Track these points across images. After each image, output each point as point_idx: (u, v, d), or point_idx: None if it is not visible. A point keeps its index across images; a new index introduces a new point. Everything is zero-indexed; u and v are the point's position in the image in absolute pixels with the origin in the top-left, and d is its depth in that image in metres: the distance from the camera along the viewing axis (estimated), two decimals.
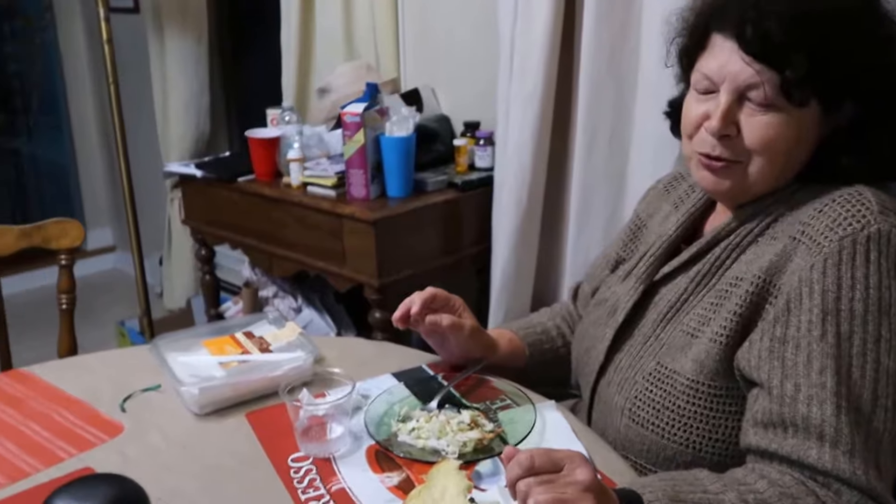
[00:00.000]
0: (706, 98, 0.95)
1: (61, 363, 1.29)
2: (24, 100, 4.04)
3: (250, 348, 1.17)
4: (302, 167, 2.03)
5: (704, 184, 0.98)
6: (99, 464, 0.96)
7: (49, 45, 3.97)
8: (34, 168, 4.15)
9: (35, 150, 4.13)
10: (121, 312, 3.17)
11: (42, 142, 4.13)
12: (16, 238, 1.63)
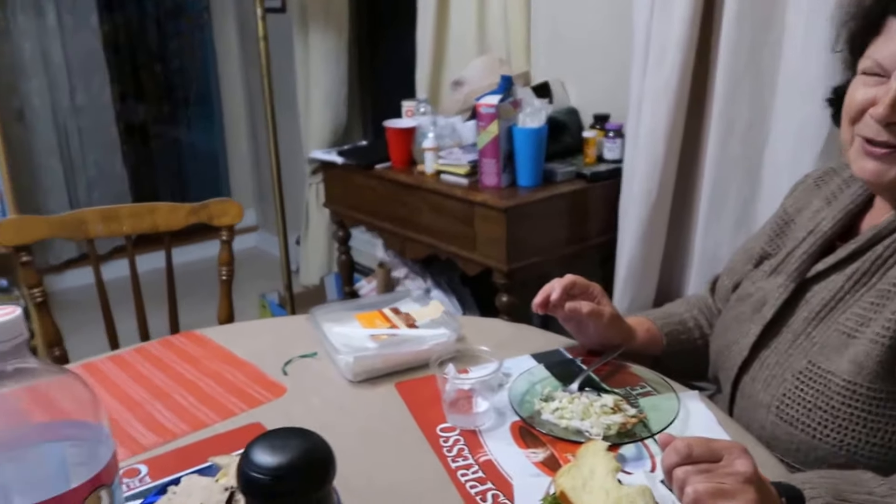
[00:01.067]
0: (874, 83, 0.92)
1: (229, 328, 1.42)
2: (185, 92, 4.39)
3: (398, 323, 1.25)
4: (436, 156, 2.12)
5: (864, 174, 0.95)
6: (267, 420, 1.07)
7: (206, 42, 4.28)
8: (191, 154, 4.52)
9: (191, 138, 4.50)
10: (261, 286, 3.40)
11: (197, 131, 4.49)
12: (185, 215, 1.80)
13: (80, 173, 3.88)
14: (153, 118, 4.36)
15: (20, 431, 0.58)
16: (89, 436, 0.60)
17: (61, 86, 3.72)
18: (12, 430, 0.57)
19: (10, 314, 0.56)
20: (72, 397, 0.60)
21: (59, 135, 3.75)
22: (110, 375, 1.22)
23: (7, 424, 0.57)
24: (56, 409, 0.59)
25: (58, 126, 3.74)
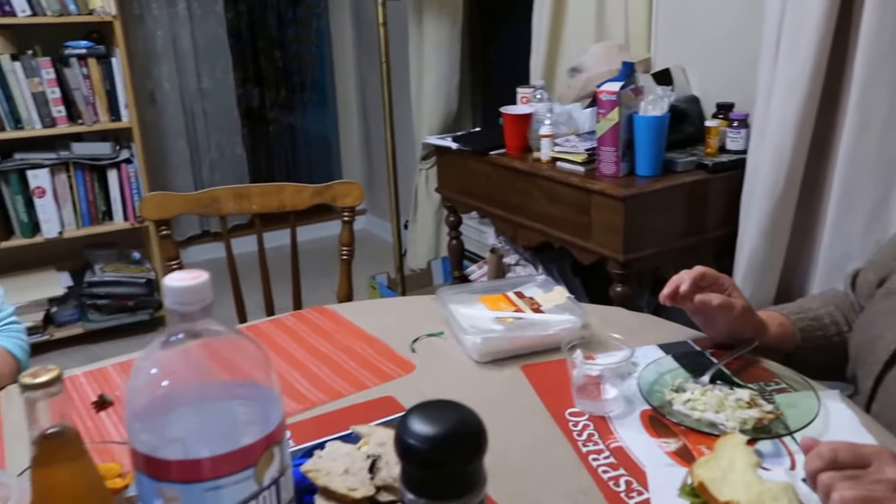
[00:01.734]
0: None
1: (356, 305, 1.47)
2: (301, 78, 4.56)
3: (523, 307, 1.27)
4: (552, 143, 2.11)
5: None
6: (399, 394, 1.11)
7: (322, 29, 4.41)
8: (305, 138, 4.69)
9: (306, 123, 4.66)
10: (370, 269, 3.50)
11: (311, 116, 4.64)
12: (310, 195, 1.87)
13: (204, 154, 4.09)
14: (271, 103, 4.54)
15: (205, 387, 0.62)
16: (262, 396, 0.64)
17: (189, 71, 3.92)
18: (199, 385, 0.62)
19: (198, 279, 0.61)
20: (248, 359, 0.64)
21: (185, 117, 3.96)
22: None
23: (194, 380, 0.62)
24: (235, 369, 0.64)
25: (185, 109, 3.96)
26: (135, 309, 3.27)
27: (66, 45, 2.99)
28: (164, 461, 0.58)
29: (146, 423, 0.60)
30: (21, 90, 2.90)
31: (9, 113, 2.91)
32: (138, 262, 3.38)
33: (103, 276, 3.19)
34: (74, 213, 3.13)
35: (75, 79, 2.99)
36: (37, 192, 3.01)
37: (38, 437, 0.63)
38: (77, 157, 3.08)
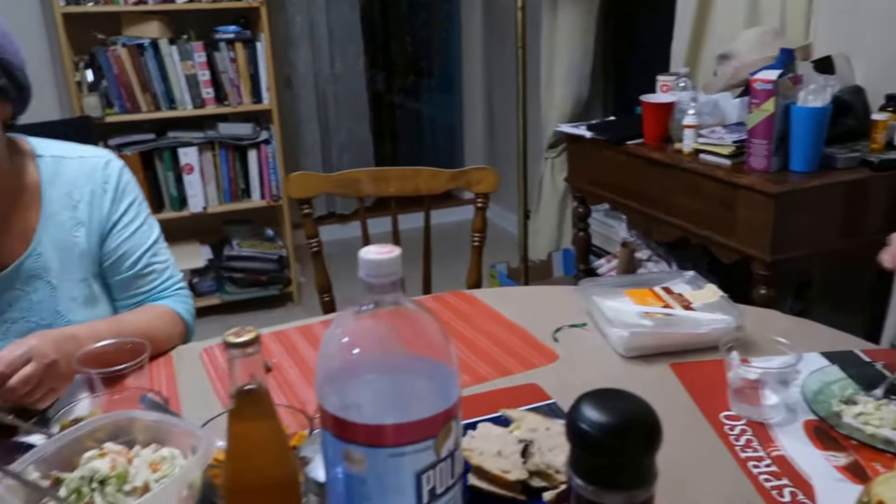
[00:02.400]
0: None
1: (494, 291, 1.47)
2: (428, 64, 4.61)
3: (672, 303, 1.23)
4: (696, 134, 2.03)
5: None
6: (544, 383, 1.09)
7: (452, 14, 4.44)
8: (429, 124, 4.75)
9: (431, 108, 4.71)
10: (488, 257, 3.50)
11: (437, 102, 4.69)
12: (446, 180, 1.89)
13: (334, 137, 4.21)
14: (398, 88, 4.61)
15: (392, 358, 0.64)
16: (443, 372, 0.65)
17: (323, 55, 4.04)
18: (386, 356, 0.64)
19: (391, 253, 0.62)
20: (432, 336, 0.65)
21: (318, 101, 4.09)
22: None
23: (382, 350, 0.64)
24: (419, 344, 0.65)
25: (318, 93, 4.08)
26: (267, 284, 3.42)
27: (217, 30, 3.14)
28: (352, 423, 0.61)
29: (335, 387, 0.63)
30: (176, 72, 3.09)
31: (164, 94, 3.09)
32: (271, 239, 3.53)
33: (240, 250, 3.36)
34: (217, 189, 3.30)
35: (223, 62, 3.15)
36: (186, 168, 3.20)
37: (236, 391, 0.67)
38: (222, 137, 3.24)
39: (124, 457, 0.80)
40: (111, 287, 1.29)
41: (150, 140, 3.14)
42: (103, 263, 1.27)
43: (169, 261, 1.34)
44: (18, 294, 1.19)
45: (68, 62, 2.92)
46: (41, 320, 1.20)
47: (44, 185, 1.21)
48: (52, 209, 1.22)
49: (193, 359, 1.21)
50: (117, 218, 1.27)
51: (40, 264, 1.20)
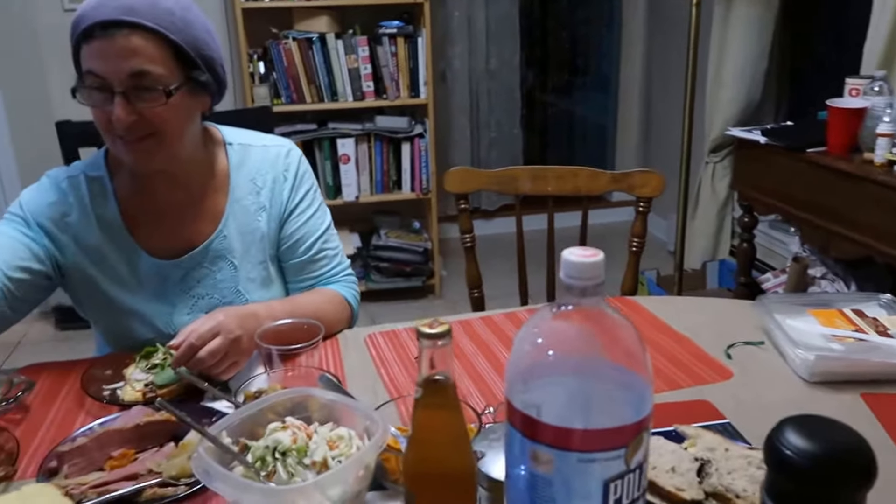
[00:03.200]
0: None
1: (659, 300, 1.42)
2: (584, 61, 4.54)
3: (865, 328, 1.12)
4: (891, 143, 1.86)
5: None
6: (716, 401, 1.03)
7: (613, 11, 4.33)
8: (581, 123, 4.68)
9: (584, 107, 4.63)
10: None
11: (590, 101, 4.60)
12: (607, 182, 1.84)
13: (483, 132, 4.23)
14: (552, 85, 4.57)
15: (587, 363, 0.62)
16: (638, 382, 0.62)
17: (479, 50, 4.06)
18: (581, 359, 0.62)
19: (595, 257, 0.60)
20: (629, 344, 0.63)
21: (471, 96, 4.12)
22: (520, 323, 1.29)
23: (577, 353, 0.63)
24: (616, 351, 0.63)
25: (471, 88, 4.11)
26: (410, 275, 3.48)
27: (381, 25, 3.23)
28: (542, 423, 0.60)
29: (527, 385, 0.62)
30: (340, 66, 3.20)
31: (328, 86, 3.22)
32: (418, 232, 3.59)
33: (387, 240, 3.44)
34: (370, 180, 3.40)
35: (385, 56, 3.24)
36: (343, 158, 3.32)
37: (424, 380, 0.68)
38: (378, 130, 3.33)
39: (304, 432, 0.82)
40: (285, 270, 1.35)
41: (311, 130, 3.28)
42: (280, 247, 1.33)
43: (339, 248, 1.39)
44: (206, 272, 1.26)
45: (244, 54, 3.11)
46: (223, 298, 1.27)
47: (231, 171, 1.28)
48: (238, 194, 1.28)
49: (358, 343, 1.24)
50: (295, 204, 1.32)
51: (225, 245, 1.27)
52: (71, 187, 1.23)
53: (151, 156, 1.14)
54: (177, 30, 1.09)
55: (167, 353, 1.10)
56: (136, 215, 1.24)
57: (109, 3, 1.06)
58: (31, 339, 3.19)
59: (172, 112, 1.11)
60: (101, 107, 1.09)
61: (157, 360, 1.09)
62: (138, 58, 1.06)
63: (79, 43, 1.09)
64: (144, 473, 0.85)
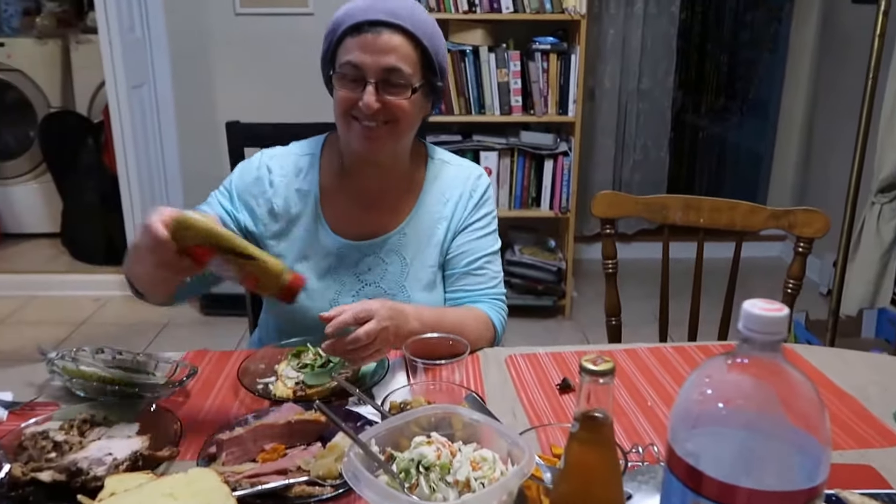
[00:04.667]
0: None
1: (821, 351, 1.32)
2: (744, 87, 4.35)
3: None
4: None
5: None
6: (881, 467, 0.95)
7: (780, 36, 4.12)
8: (733, 152, 4.49)
9: (739, 135, 4.45)
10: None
11: (746, 129, 4.41)
12: (766, 218, 1.74)
13: (628, 154, 4.14)
14: (706, 109, 4.40)
15: (760, 420, 0.59)
16: (813, 447, 0.59)
17: (631, 70, 3.98)
18: (754, 415, 0.59)
19: (780, 311, 0.57)
20: (806, 405, 0.59)
21: (618, 116, 4.05)
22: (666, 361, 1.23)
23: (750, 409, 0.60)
24: (793, 411, 0.59)
25: (619, 107, 4.04)
26: (542, 293, 3.46)
27: (535, 41, 3.24)
28: (707, 477, 0.58)
29: (693, 433, 0.60)
30: (490, 79, 3.24)
31: (476, 99, 3.27)
32: (552, 250, 3.56)
33: (521, 257, 3.44)
34: (509, 195, 3.41)
35: (536, 72, 3.24)
36: (485, 171, 3.35)
37: (581, 414, 0.67)
38: (522, 145, 3.34)
39: (448, 448, 0.83)
40: (445, 279, 1.41)
41: (456, 141, 3.33)
42: (447, 255, 1.39)
43: (499, 273, 1.43)
44: (378, 262, 1.36)
45: None
46: (388, 289, 1.35)
47: (426, 181, 1.40)
48: (426, 201, 1.38)
49: (499, 363, 1.24)
50: (472, 221, 1.40)
51: (403, 242, 1.37)
52: (278, 164, 1.36)
53: (381, 143, 1.26)
54: (428, 38, 1.24)
55: (317, 354, 1.14)
56: (332, 193, 1.36)
57: (378, 6, 1.22)
58: (178, 321, 3.43)
59: (410, 107, 1.25)
60: (350, 91, 1.22)
61: (308, 359, 1.14)
62: (395, 54, 1.21)
63: (342, 37, 1.24)
64: (293, 470, 0.88)
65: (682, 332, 1.82)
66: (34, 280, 3.73)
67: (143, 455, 0.90)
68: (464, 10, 3.17)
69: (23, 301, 3.60)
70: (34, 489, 0.86)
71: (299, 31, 3.42)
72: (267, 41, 3.47)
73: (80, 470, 0.87)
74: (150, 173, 3.49)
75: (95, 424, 1.00)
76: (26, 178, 4.21)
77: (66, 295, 3.66)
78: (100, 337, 3.22)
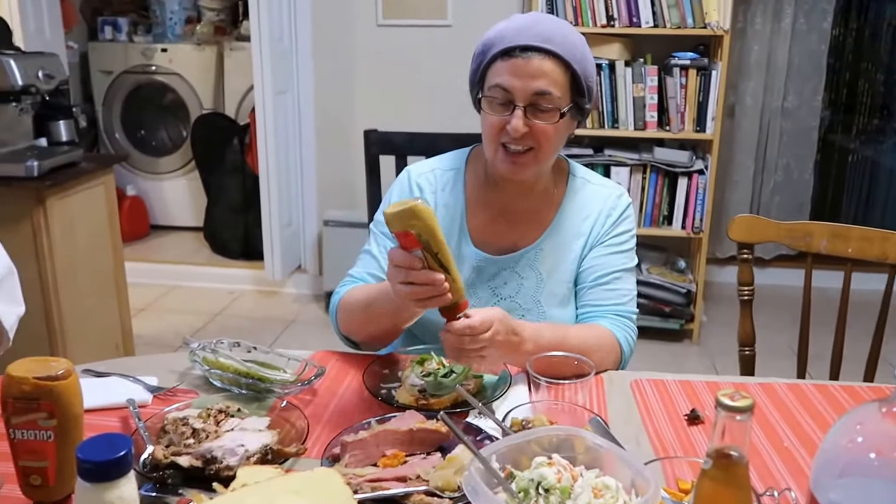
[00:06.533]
0: None
1: None
2: None
3: None
4: None
5: None
6: None
7: None
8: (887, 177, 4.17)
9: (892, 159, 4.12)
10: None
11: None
12: None
13: (768, 175, 3.93)
14: (857, 131, 4.12)
15: None
16: None
17: (776, 87, 3.79)
18: None
19: None
20: None
21: (760, 135, 3.86)
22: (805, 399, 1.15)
23: None
24: None
25: (761, 126, 3.85)
26: (668, 315, 3.34)
27: (674, 56, 3.14)
28: None
29: (838, 483, 0.56)
30: (625, 94, 3.17)
31: (610, 113, 3.21)
32: (681, 271, 3.44)
33: (648, 276, 3.33)
34: (640, 212, 3.32)
35: (673, 87, 3.14)
36: None
37: (715, 451, 0.65)
38: (656, 161, 3.24)
39: (570, 472, 0.82)
40: (575, 293, 1.39)
41: (587, 155, 3.28)
42: (579, 270, 1.38)
43: (632, 293, 1.40)
44: (514, 276, 1.37)
45: None
46: (523, 304, 1.36)
47: (566, 197, 1.40)
48: (565, 218, 1.38)
49: (624, 387, 1.21)
50: (608, 238, 1.38)
51: (539, 258, 1.37)
52: (426, 181, 1.40)
53: (525, 167, 1.28)
54: (577, 61, 1.24)
55: (441, 363, 1.15)
56: (476, 208, 1.39)
57: (530, 30, 1.22)
58: (303, 319, 3.57)
59: (556, 131, 1.26)
60: (499, 115, 1.24)
61: (431, 368, 1.15)
62: (545, 79, 1.22)
63: (492, 60, 1.25)
64: (413, 478, 0.89)
65: (821, 369, 1.70)
66: (176, 270, 4.00)
67: (272, 449, 0.94)
68: (602, 23, 3.12)
69: (165, 289, 3.87)
70: (173, 472, 0.92)
71: (437, 42, 3.49)
72: (406, 52, 3.56)
73: (215, 458, 0.92)
74: (289, 175, 3.66)
75: (230, 415, 1.05)
76: (177, 175, 4.54)
77: (204, 286, 3.91)
78: (232, 329, 3.41)
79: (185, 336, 1.28)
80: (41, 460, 0.86)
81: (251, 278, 3.91)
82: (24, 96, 2.45)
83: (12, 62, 2.33)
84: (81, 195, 2.51)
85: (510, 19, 1.27)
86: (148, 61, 4.35)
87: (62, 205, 2.40)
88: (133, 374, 1.20)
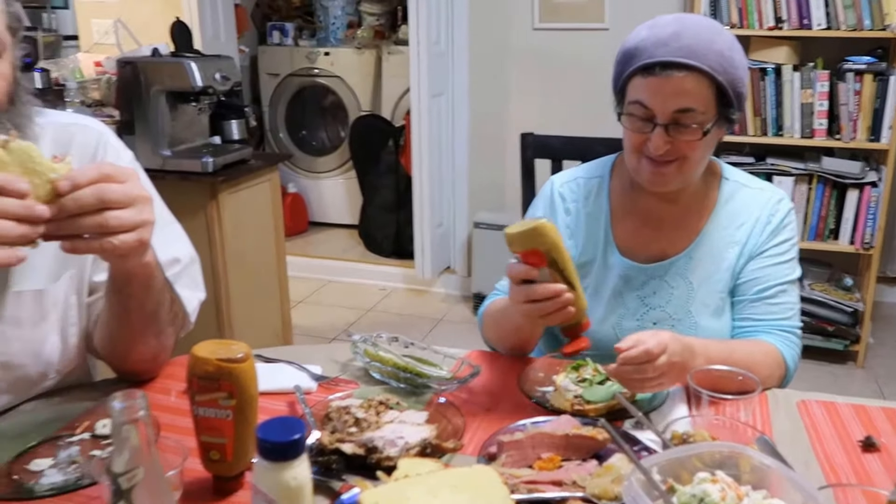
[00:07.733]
0: None
1: None
2: None
3: None
4: None
5: None
6: None
7: None
8: None
9: None
10: None
11: None
12: None
13: None
14: None
15: None
16: None
17: None
18: None
19: None
20: None
21: None
22: None
23: None
24: None
25: None
26: (831, 335, 3.12)
27: (847, 60, 2.93)
28: None
29: None
30: (792, 99, 2.99)
31: (774, 119, 3.04)
32: (848, 289, 3.20)
33: (811, 293, 3.12)
34: (804, 225, 3.12)
35: (846, 94, 2.93)
36: None
37: None
38: (823, 171, 3.03)
39: (735, 491, 0.79)
40: (734, 305, 1.34)
41: (748, 163, 3.13)
42: (737, 281, 1.32)
43: (796, 307, 1.33)
44: (664, 285, 1.33)
45: None
46: (674, 314, 1.32)
47: (719, 203, 1.34)
48: (718, 224, 1.32)
49: (790, 406, 1.15)
50: (768, 247, 1.31)
51: (690, 266, 1.32)
52: (569, 190, 1.39)
53: (669, 179, 1.24)
54: (723, 71, 1.17)
55: (597, 370, 1.15)
56: (621, 215, 1.36)
57: (672, 43, 1.16)
58: (450, 318, 3.64)
59: (701, 145, 1.21)
60: (639, 132, 1.21)
61: (587, 374, 1.15)
62: (687, 97, 1.17)
63: (632, 74, 1.21)
64: (569, 483, 0.90)
65: None
66: (332, 265, 4.20)
67: (431, 443, 0.98)
68: (769, 25, 2.97)
69: (321, 284, 4.08)
70: (337, 458, 0.97)
71: (594, 45, 3.44)
72: (561, 55, 3.54)
73: (376, 448, 0.96)
74: (441, 177, 3.75)
75: (389, 407, 1.10)
76: (334, 174, 4.77)
77: (357, 282, 4.08)
78: (382, 324, 3.54)
79: (343, 329, 1.34)
80: (220, 437, 0.91)
81: (402, 276, 4.03)
82: (202, 97, 2.65)
83: (193, 65, 2.50)
84: (250, 191, 2.70)
85: (652, 25, 1.21)
86: (312, 64, 4.60)
87: (233, 199, 2.60)
88: (299, 361, 1.27)
